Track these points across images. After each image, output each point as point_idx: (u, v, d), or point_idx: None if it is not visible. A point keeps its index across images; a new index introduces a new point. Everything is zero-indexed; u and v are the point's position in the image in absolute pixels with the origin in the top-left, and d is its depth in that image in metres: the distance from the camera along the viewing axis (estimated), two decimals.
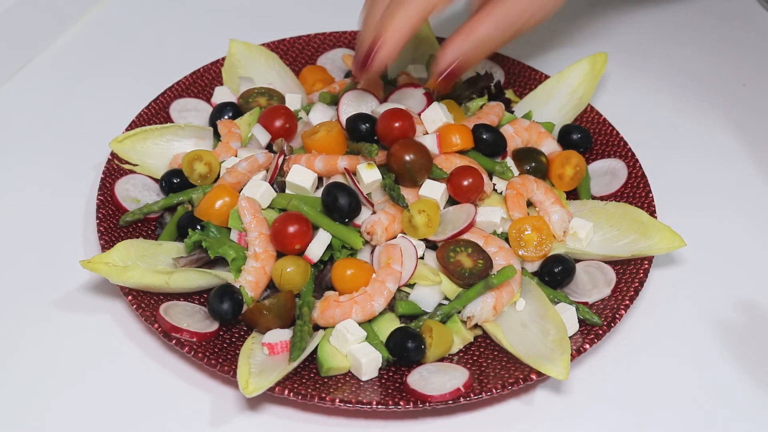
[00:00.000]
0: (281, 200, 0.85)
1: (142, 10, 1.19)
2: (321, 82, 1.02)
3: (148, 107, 0.96)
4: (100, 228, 0.84)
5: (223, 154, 0.91)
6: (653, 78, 1.13)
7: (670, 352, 0.83)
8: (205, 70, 1.02)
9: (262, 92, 0.97)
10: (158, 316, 0.77)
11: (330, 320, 0.79)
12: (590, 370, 0.81)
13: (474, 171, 0.85)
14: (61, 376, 0.78)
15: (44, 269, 0.86)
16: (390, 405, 0.74)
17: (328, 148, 0.87)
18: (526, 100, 1.01)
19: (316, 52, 1.07)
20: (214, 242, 0.82)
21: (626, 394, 0.79)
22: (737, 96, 1.11)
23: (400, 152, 0.84)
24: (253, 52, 1.02)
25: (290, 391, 0.74)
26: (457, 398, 0.74)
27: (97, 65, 1.10)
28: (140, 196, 0.90)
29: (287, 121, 0.91)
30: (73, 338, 0.81)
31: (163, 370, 0.79)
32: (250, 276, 0.81)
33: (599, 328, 0.80)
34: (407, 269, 0.81)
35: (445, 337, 0.79)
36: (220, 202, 0.84)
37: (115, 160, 0.91)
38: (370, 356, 0.77)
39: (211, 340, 0.78)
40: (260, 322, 0.79)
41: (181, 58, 1.07)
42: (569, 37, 1.19)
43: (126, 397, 0.77)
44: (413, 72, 1.00)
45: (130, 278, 0.78)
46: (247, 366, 0.74)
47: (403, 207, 0.83)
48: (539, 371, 0.75)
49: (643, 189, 0.91)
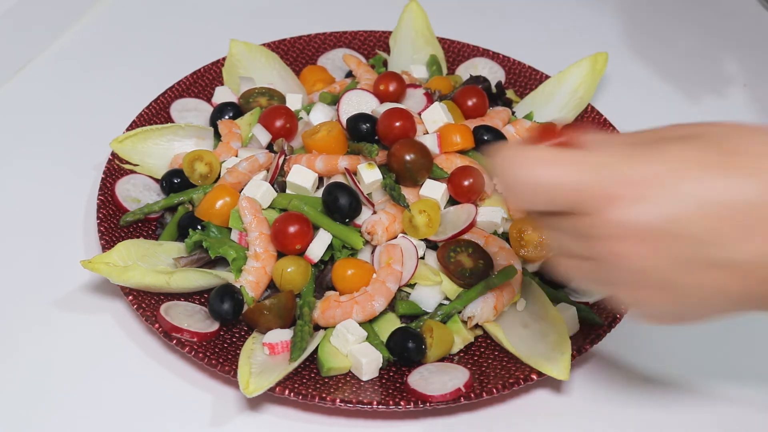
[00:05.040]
0: (282, 200, 0.85)
1: (142, 10, 1.19)
2: (321, 82, 1.02)
3: (148, 107, 0.96)
4: (101, 228, 0.84)
5: (224, 154, 0.91)
6: (653, 78, 1.13)
7: (671, 352, 0.83)
8: (206, 70, 1.02)
9: (263, 92, 0.97)
10: (159, 316, 0.77)
11: (330, 320, 0.79)
12: (591, 370, 0.81)
13: (475, 171, 0.85)
14: (61, 376, 0.78)
15: (44, 269, 0.86)
16: (391, 405, 0.74)
17: (328, 148, 0.87)
18: (527, 100, 1.01)
19: (316, 52, 1.07)
20: (214, 242, 0.82)
21: (627, 394, 0.79)
22: (737, 96, 1.11)
23: (400, 152, 0.84)
24: (254, 52, 1.02)
25: (291, 391, 0.74)
26: (457, 398, 0.74)
27: (98, 65, 1.10)
28: (141, 196, 0.90)
29: (288, 121, 0.91)
30: (73, 338, 0.81)
31: (163, 370, 0.79)
32: (250, 276, 0.81)
33: (600, 329, 0.80)
34: (408, 269, 0.81)
35: (445, 337, 0.79)
36: (220, 202, 0.84)
37: (116, 160, 0.91)
38: (370, 356, 0.77)
39: (211, 340, 0.78)
40: (261, 322, 0.79)
41: (181, 58, 1.07)
42: (569, 37, 1.19)
43: (126, 397, 0.77)
44: (413, 72, 1.00)
45: (130, 278, 0.78)
46: (248, 366, 0.74)
47: (403, 207, 0.83)
48: (540, 371, 0.75)
49: None
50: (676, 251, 0.53)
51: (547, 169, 0.55)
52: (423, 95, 0.93)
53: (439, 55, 1.05)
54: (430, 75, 1.02)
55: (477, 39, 1.09)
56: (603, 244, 0.55)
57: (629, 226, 0.53)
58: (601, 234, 0.55)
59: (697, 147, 0.54)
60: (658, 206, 0.53)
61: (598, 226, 0.55)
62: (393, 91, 0.92)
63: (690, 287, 0.55)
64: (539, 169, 0.55)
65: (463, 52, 1.07)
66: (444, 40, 1.07)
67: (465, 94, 0.94)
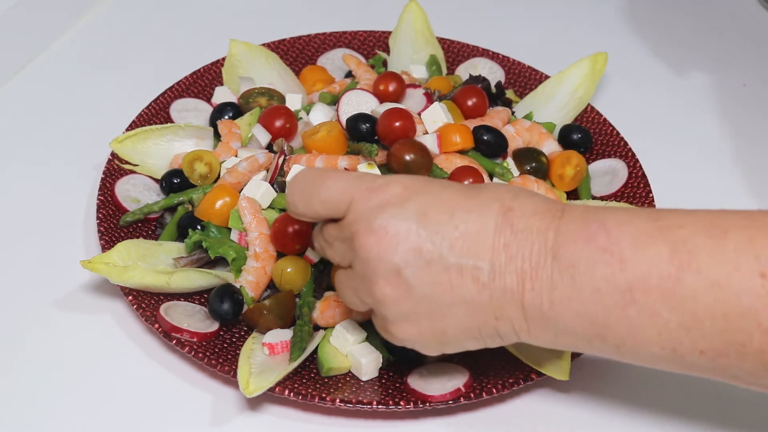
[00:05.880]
0: (282, 200, 0.85)
1: (142, 10, 1.19)
2: (321, 82, 1.02)
3: (148, 107, 0.96)
4: (101, 228, 0.84)
5: (224, 154, 0.91)
6: (653, 78, 1.13)
7: None
8: (206, 70, 1.02)
9: (263, 92, 0.97)
10: (158, 317, 0.77)
11: (330, 320, 0.79)
12: (591, 370, 0.81)
13: (474, 171, 0.85)
14: (61, 376, 0.78)
15: (44, 269, 0.86)
16: (390, 405, 0.74)
17: (328, 148, 0.87)
18: (527, 100, 1.01)
19: (316, 52, 1.07)
20: (214, 242, 0.82)
21: (626, 395, 0.79)
22: (737, 96, 1.11)
23: (400, 152, 0.84)
24: (254, 52, 1.02)
25: (291, 391, 0.74)
26: (457, 398, 0.74)
27: (97, 65, 1.10)
28: (140, 196, 0.90)
29: (287, 121, 0.91)
30: (73, 338, 0.81)
31: (163, 370, 0.79)
32: (250, 276, 0.81)
33: None
34: None
35: None
36: (220, 202, 0.84)
37: (116, 160, 0.91)
38: (370, 356, 0.77)
39: (211, 340, 0.78)
40: (260, 322, 0.79)
41: (181, 58, 1.07)
42: (569, 37, 1.19)
43: (126, 397, 0.77)
44: (413, 72, 1.00)
45: (130, 278, 0.78)
46: (248, 366, 0.74)
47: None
48: (540, 371, 0.75)
49: (643, 189, 0.91)
50: (404, 246, 0.62)
51: (325, 181, 0.66)
52: (423, 95, 0.93)
53: (439, 55, 1.05)
54: (430, 75, 1.02)
55: (477, 39, 1.09)
56: (350, 240, 0.64)
57: (364, 219, 0.63)
58: (349, 231, 0.64)
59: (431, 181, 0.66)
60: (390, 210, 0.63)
61: (347, 225, 0.65)
62: (393, 91, 0.92)
63: (423, 286, 0.63)
64: (322, 182, 0.66)
65: (463, 52, 1.07)
66: (444, 40, 1.07)
67: (465, 94, 0.94)
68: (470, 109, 0.93)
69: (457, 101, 0.93)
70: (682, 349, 0.58)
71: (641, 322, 0.58)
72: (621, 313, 0.58)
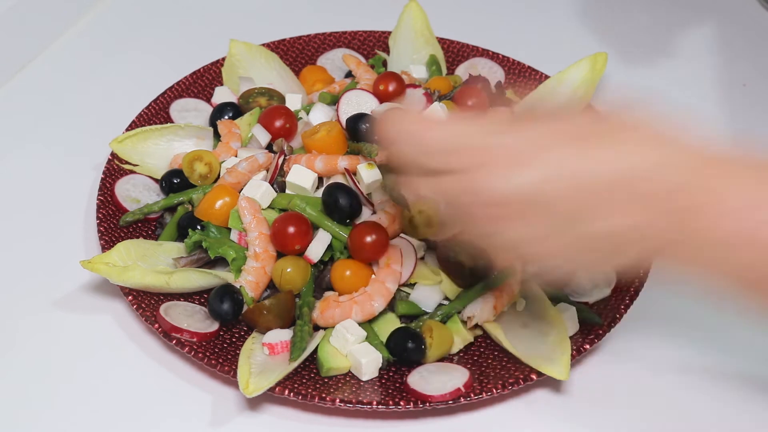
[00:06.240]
0: (281, 200, 0.85)
1: (141, 10, 1.19)
2: (321, 82, 1.02)
3: (148, 107, 0.96)
4: (101, 228, 0.84)
5: (224, 155, 0.91)
6: (653, 78, 1.13)
7: (671, 351, 0.82)
8: (205, 70, 1.02)
9: (263, 92, 0.97)
10: (158, 317, 0.77)
11: (330, 320, 0.79)
12: (591, 370, 0.81)
13: None
14: (61, 376, 0.78)
15: (44, 269, 0.86)
16: (390, 405, 0.74)
17: (328, 148, 0.87)
18: (527, 100, 1.01)
19: (316, 52, 1.07)
20: (214, 242, 0.82)
21: (627, 394, 0.79)
22: (737, 96, 1.11)
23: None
24: (253, 52, 1.02)
25: (290, 391, 0.74)
26: (457, 398, 0.74)
27: (97, 65, 1.10)
28: (140, 196, 0.90)
29: (287, 121, 0.91)
30: (73, 338, 0.81)
31: (163, 370, 0.79)
32: (250, 276, 0.81)
33: (599, 328, 0.80)
34: (407, 269, 0.81)
35: (445, 337, 0.79)
36: (220, 202, 0.84)
37: (116, 160, 0.91)
38: (370, 356, 0.77)
39: (211, 340, 0.78)
40: (260, 322, 0.79)
41: (181, 58, 1.07)
42: (569, 37, 1.19)
43: (126, 397, 0.77)
44: (413, 72, 1.00)
45: (130, 278, 0.78)
46: (248, 366, 0.74)
47: (403, 207, 0.83)
48: (539, 371, 0.75)
49: None
50: (544, 220, 0.58)
51: (434, 128, 0.61)
52: (422, 95, 0.93)
53: (439, 55, 1.05)
54: (430, 75, 1.02)
55: (477, 39, 1.09)
56: (476, 207, 0.59)
57: (500, 193, 0.58)
58: (474, 197, 0.59)
59: (572, 122, 0.59)
60: (528, 174, 0.57)
61: (470, 186, 0.59)
62: (392, 91, 0.93)
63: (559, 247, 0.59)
64: (428, 128, 0.61)
65: (463, 52, 1.07)
66: (443, 40, 1.07)
67: (464, 94, 0.94)
68: (470, 109, 0.93)
69: (456, 101, 0.93)
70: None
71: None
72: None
